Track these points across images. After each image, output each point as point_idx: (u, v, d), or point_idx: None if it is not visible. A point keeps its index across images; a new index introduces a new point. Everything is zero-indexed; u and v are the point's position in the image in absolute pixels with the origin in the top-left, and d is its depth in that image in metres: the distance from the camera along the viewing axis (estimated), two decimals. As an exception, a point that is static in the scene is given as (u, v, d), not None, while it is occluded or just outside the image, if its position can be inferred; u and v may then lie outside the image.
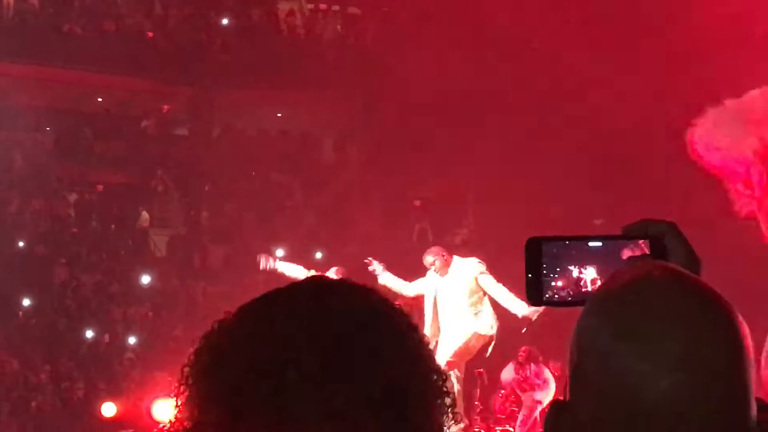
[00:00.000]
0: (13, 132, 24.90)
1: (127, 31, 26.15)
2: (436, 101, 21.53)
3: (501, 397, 15.37)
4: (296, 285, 1.56)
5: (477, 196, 23.86)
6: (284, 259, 17.23)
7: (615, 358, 1.36)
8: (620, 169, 19.86)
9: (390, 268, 12.10)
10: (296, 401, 1.42)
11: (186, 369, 1.51)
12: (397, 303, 1.56)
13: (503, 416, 15.21)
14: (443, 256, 11.29)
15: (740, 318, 1.39)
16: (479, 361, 17.66)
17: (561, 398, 1.46)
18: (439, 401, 1.51)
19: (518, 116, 20.89)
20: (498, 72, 21.45)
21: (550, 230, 1.70)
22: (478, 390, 15.73)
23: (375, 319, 1.49)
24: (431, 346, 1.57)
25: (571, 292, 1.61)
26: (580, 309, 1.47)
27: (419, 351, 1.51)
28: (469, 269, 11.12)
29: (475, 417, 15.59)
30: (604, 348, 1.37)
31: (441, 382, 1.53)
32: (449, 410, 1.53)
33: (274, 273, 11.98)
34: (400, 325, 1.51)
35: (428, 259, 11.37)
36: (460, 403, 11.04)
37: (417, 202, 25.93)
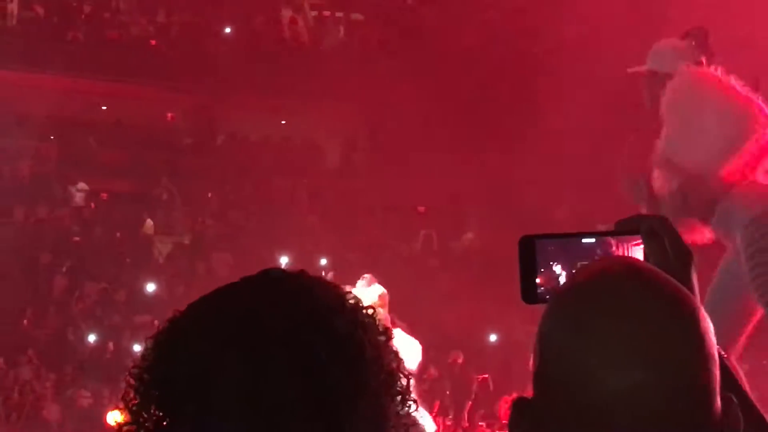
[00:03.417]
0: (16, 140, 24.93)
1: (130, 39, 26.20)
2: (439, 106, 21.54)
3: (507, 402, 15.35)
4: (244, 281, 1.51)
5: (481, 202, 23.84)
6: (287, 265, 17.15)
7: (571, 355, 1.33)
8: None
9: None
10: (220, 403, 1.39)
11: (133, 370, 1.47)
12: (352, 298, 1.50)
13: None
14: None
15: (702, 313, 1.36)
16: (483, 367, 17.69)
17: (525, 396, 1.43)
18: (389, 404, 1.46)
19: (522, 120, 20.88)
20: (500, 75, 21.46)
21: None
22: (482, 395, 15.76)
23: (312, 318, 1.44)
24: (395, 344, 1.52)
25: None
26: None
27: (362, 352, 1.44)
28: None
29: (480, 423, 15.60)
30: (561, 344, 1.35)
31: (394, 384, 1.47)
32: (404, 413, 1.48)
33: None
34: (342, 325, 1.45)
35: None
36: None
37: (421, 209, 25.93)
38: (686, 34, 5.77)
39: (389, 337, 1.51)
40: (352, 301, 1.49)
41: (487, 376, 17.08)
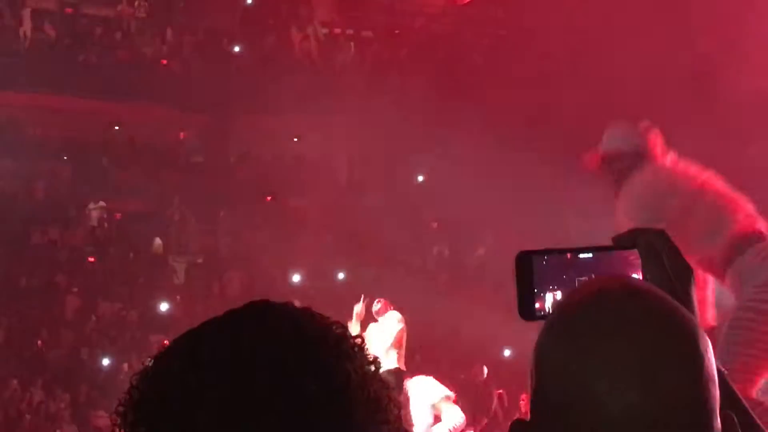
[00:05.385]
0: (30, 162, 25.01)
1: (141, 59, 26.29)
2: (451, 123, 21.54)
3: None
4: (228, 314, 1.50)
5: (494, 216, 23.82)
6: (301, 282, 17.11)
7: (570, 378, 1.33)
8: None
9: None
10: None
11: (118, 408, 1.46)
12: (336, 325, 1.49)
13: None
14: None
15: (701, 332, 1.36)
16: (498, 383, 17.65)
17: (523, 419, 1.43)
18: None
19: (535, 132, 20.88)
20: (509, 93, 21.47)
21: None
22: (500, 410, 15.71)
23: (297, 348, 1.42)
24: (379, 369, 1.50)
25: None
26: None
27: (347, 381, 1.42)
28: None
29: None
30: (559, 367, 1.35)
31: (381, 413, 1.45)
32: None
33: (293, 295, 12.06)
34: (328, 354, 1.43)
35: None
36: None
37: (434, 224, 25.92)
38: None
39: (378, 367, 1.48)
40: (338, 331, 1.48)
41: (502, 391, 17.01)
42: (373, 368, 1.47)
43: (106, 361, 21.03)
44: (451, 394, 11.17)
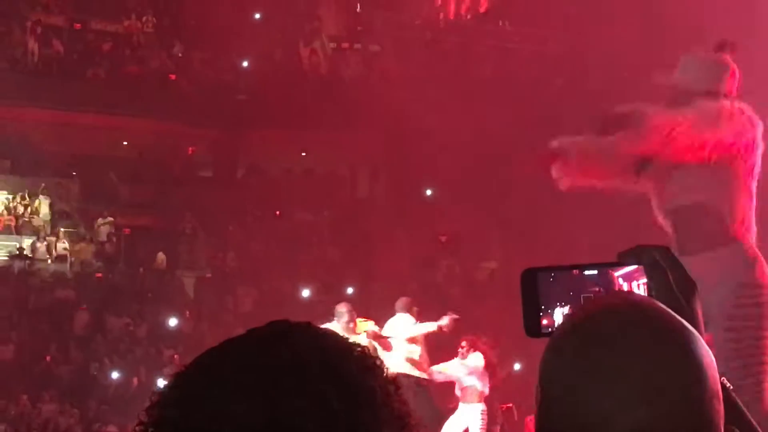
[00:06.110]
0: (39, 177, 25.06)
1: (150, 74, 26.33)
2: (460, 137, 21.53)
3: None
4: (251, 333, 1.48)
5: (503, 230, 23.78)
6: (310, 297, 17.02)
7: (576, 394, 1.34)
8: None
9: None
10: None
11: (137, 427, 1.42)
12: (356, 344, 1.48)
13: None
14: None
15: (705, 349, 1.37)
16: (508, 396, 17.60)
17: None
18: None
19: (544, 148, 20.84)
20: (518, 107, 21.47)
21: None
22: (507, 424, 15.67)
23: (322, 367, 1.41)
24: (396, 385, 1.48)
25: None
26: None
27: (373, 398, 1.42)
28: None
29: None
30: (565, 383, 1.36)
31: (405, 430, 1.44)
32: None
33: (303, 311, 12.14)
34: (352, 372, 1.42)
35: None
36: None
37: (443, 238, 25.88)
38: (719, 46, 5.72)
39: (398, 386, 1.48)
40: (359, 349, 1.47)
41: (511, 405, 16.97)
42: (393, 386, 1.47)
43: (115, 376, 21.03)
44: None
